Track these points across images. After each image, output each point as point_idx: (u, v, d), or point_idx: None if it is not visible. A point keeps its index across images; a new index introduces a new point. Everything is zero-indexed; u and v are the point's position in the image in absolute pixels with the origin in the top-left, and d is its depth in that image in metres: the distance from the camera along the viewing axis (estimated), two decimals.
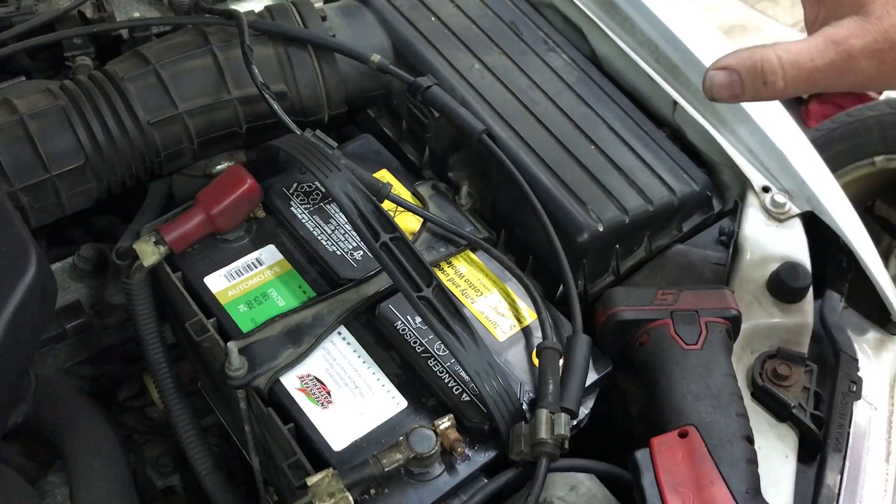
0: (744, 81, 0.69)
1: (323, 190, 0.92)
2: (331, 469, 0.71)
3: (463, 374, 0.78)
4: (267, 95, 0.91)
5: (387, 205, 0.89)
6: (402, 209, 0.92)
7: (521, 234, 0.95)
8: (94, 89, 0.90)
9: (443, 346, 0.79)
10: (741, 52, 0.70)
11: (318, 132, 0.89)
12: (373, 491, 0.73)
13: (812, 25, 0.71)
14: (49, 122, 0.88)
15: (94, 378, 1.03)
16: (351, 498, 0.70)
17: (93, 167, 0.89)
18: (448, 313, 0.78)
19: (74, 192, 0.90)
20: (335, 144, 0.89)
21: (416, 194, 0.96)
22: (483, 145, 0.92)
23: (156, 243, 0.85)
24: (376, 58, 0.96)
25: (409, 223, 0.92)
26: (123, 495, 0.87)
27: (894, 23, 0.66)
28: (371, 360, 0.82)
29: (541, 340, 0.83)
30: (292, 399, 0.78)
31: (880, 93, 2.66)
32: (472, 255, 0.92)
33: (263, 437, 0.82)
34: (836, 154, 2.04)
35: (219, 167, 0.98)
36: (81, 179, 0.89)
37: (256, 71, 0.91)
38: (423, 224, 0.92)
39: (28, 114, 0.87)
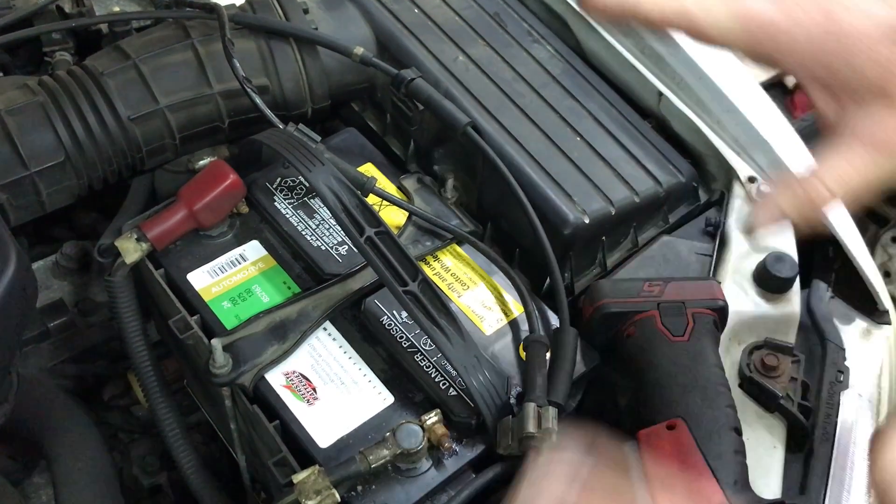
0: (796, 220, 0.64)
1: (307, 184, 0.91)
2: (317, 466, 0.70)
3: (450, 368, 0.78)
4: (248, 89, 0.90)
5: (372, 199, 0.88)
6: (388, 203, 0.91)
7: (507, 227, 0.94)
8: (73, 85, 0.89)
9: (429, 340, 0.79)
10: (784, 193, 0.63)
11: (301, 126, 0.88)
12: (360, 487, 0.73)
13: (832, 120, 0.63)
14: (27, 118, 0.86)
15: (78, 377, 1.02)
16: (337, 495, 0.69)
17: (73, 164, 0.88)
18: (434, 307, 0.78)
19: (55, 190, 0.88)
20: (318, 138, 0.88)
21: (401, 188, 0.95)
22: (468, 138, 0.92)
23: (137, 240, 0.84)
24: (359, 50, 0.95)
25: (394, 217, 0.91)
26: (108, 495, 0.86)
27: None
28: (357, 355, 0.81)
29: (528, 334, 0.82)
30: (277, 396, 0.77)
31: None
32: (458, 249, 0.91)
33: (249, 434, 0.82)
34: (823, 143, 2.05)
35: (201, 162, 0.96)
36: (62, 176, 0.88)
37: (238, 65, 0.90)
38: (409, 218, 0.91)
39: (6, 110, 0.86)
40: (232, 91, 0.93)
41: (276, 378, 0.78)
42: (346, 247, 0.87)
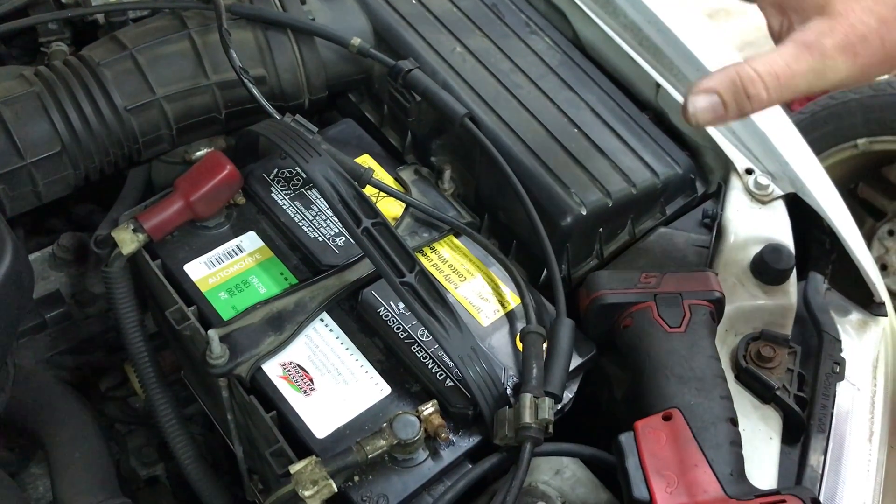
0: (726, 101, 0.69)
1: (304, 175, 0.91)
2: (314, 456, 0.70)
3: (447, 359, 0.78)
4: (245, 80, 0.89)
5: (369, 190, 0.88)
6: (385, 195, 0.91)
7: (504, 218, 0.94)
8: (69, 75, 0.89)
9: (426, 331, 0.79)
10: (716, 74, 0.70)
11: (297, 117, 0.88)
12: (357, 478, 0.73)
13: (779, 35, 0.72)
14: (24, 108, 0.86)
15: (76, 368, 1.02)
16: (334, 485, 0.69)
17: (69, 154, 0.88)
18: (431, 299, 0.78)
19: (51, 180, 0.88)
20: (315, 129, 0.88)
21: (398, 179, 0.95)
22: (465, 129, 0.91)
23: (134, 231, 0.84)
24: (357, 41, 0.95)
25: (391, 209, 0.91)
26: (106, 486, 0.86)
27: (859, 16, 0.66)
28: (354, 346, 0.81)
29: (524, 325, 0.82)
30: (274, 387, 0.78)
31: None
32: (456, 241, 0.91)
33: (246, 425, 0.82)
34: (819, 137, 2.05)
35: (198, 153, 0.96)
36: (58, 167, 0.88)
37: (235, 55, 0.89)
38: (406, 209, 0.91)
39: (2, 100, 0.85)
40: (229, 82, 0.93)
41: (272, 369, 0.79)
42: (344, 238, 0.87)
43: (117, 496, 0.84)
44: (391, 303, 0.82)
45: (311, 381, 0.78)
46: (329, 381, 0.78)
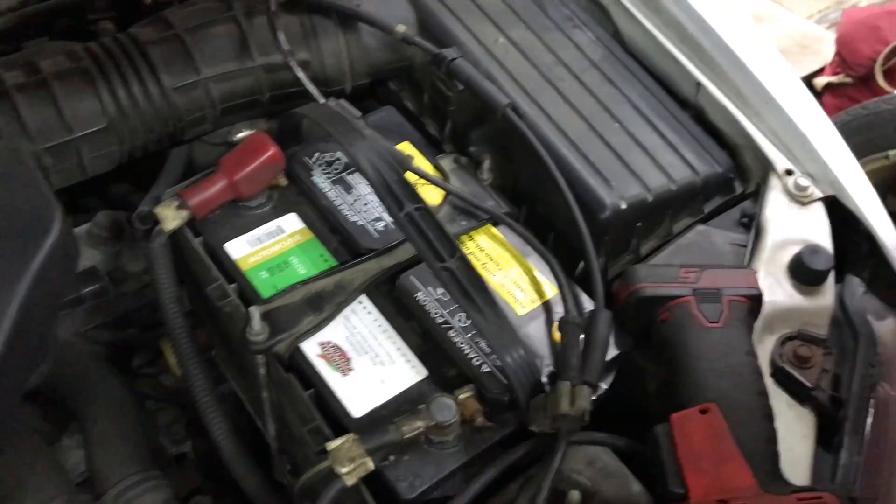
0: None
1: (344, 160, 0.92)
2: (352, 434, 0.71)
3: (483, 345, 0.78)
4: (293, 63, 0.90)
5: (409, 177, 0.88)
6: (423, 182, 0.91)
7: (542, 210, 0.94)
8: (118, 52, 0.90)
9: (463, 317, 0.79)
10: None
11: (342, 101, 0.89)
12: (392, 457, 0.73)
13: None
14: (73, 83, 0.87)
15: (110, 343, 1.03)
16: (371, 463, 0.70)
17: (116, 130, 0.89)
18: (471, 284, 0.78)
19: (97, 155, 0.89)
20: (359, 114, 0.88)
21: (437, 168, 0.95)
22: (507, 119, 0.92)
23: (178, 208, 0.84)
24: (401, 28, 0.95)
25: (429, 197, 0.91)
26: (140, 459, 0.87)
27: None
28: (392, 329, 0.81)
29: (560, 316, 0.82)
30: (312, 365, 0.78)
31: (895, 86, 2.64)
32: (494, 230, 0.91)
33: (280, 404, 0.82)
34: (850, 147, 2.03)
35: (240, 135, 0.97)
36: (104, 142, 0.89)
37: (283, 38, 0.90)
38: (445, 197, 0.91)
39: (52, 74, 0.87)
40: (273, 65, 0.94)
41: (311, 348, 0.79)
42: (383, 222, 0.87)
43: (151, 468, 0.85)
44: (429, 287, 0.83)
45: (349, 361, 0.78)
46: (366, 362, 0.79)
